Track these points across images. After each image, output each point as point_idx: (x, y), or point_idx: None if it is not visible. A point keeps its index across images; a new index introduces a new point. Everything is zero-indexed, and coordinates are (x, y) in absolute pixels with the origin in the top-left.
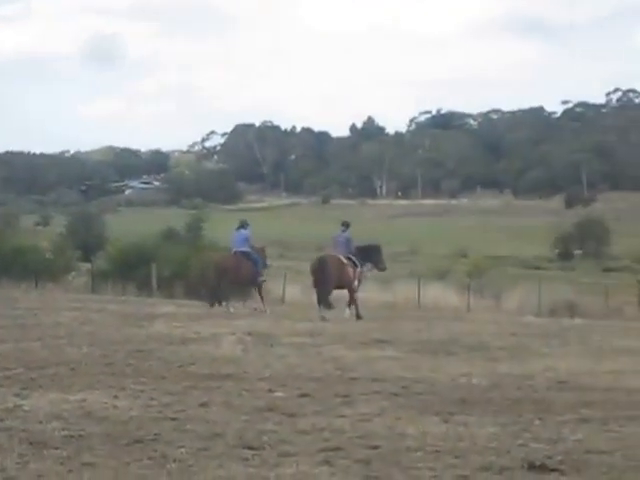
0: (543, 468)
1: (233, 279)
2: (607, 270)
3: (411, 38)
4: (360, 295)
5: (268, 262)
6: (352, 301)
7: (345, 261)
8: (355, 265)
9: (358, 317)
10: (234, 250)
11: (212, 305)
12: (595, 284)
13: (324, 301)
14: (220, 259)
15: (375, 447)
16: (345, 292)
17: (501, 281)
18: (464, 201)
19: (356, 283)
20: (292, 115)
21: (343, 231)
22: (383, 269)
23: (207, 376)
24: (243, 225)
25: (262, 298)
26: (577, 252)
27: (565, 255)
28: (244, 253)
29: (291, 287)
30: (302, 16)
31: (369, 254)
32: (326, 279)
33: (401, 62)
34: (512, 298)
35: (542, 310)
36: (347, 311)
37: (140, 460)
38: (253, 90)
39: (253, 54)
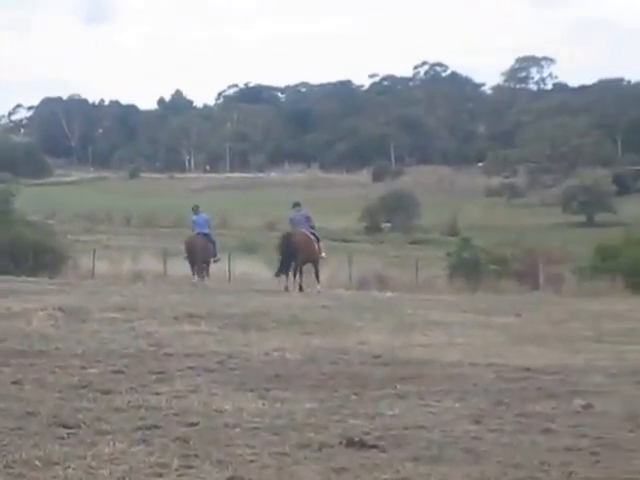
0: (362, 444)
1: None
2: (415, 243)
3: (219, 12)
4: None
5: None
6: (317, 273)
7: (312, 237)
8: (318, 239)
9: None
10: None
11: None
12: (404, 257)
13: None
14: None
15: (192, 424)
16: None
17: None
18: (272, 174)
19: (323, 254)
20: (100, 89)
21: (298, 210)
22: None
23: (19, 353)
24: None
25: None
26: (386, 225)
27: (373, 228)
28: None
29: (100, 262)
30: None
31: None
32: (290, 253)
33: (208, 36)
34: (322, 271)
35: (352, 283)
36: (318, 286)
37: None
38: (61, 63)
39: (60, 26)
